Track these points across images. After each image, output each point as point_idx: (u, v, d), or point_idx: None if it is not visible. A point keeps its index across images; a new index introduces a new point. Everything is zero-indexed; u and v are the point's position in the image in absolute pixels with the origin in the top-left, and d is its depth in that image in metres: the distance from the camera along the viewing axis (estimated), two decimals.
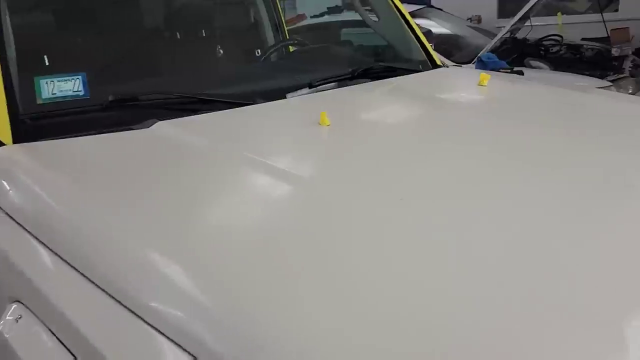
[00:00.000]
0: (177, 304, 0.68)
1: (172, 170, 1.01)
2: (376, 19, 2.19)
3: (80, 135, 1.16)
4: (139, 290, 0.72)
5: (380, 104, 1.41)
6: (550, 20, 4.76)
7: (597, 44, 4.16)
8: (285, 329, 0.61)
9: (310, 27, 3.79)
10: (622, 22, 4.22)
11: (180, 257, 0.75)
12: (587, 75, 3.51)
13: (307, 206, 0.87)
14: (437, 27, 4.72)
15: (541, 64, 3.82)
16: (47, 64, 1.37)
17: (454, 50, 4.39)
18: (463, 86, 1.64)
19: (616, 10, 5.33)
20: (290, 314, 0.63)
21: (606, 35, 4.02)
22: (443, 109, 1.34)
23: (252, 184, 0.97)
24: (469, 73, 1.79)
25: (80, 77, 1.26)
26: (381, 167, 0.98)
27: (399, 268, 0.70)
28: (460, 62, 3.81)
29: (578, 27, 4.87)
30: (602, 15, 4.31)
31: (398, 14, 2.03)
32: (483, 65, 3.37)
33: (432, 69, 1.86)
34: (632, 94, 3.37)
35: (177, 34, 1.69)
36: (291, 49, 2.28)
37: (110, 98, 1.24)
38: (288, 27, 3.45)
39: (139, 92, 1.28)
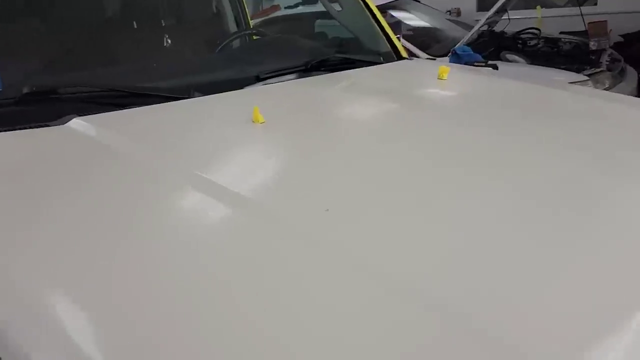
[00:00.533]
0: None
1: (75, 176, 0.89)
2: (340, 9, 2.09)
3: None
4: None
5: (326, 97, 1.31)
6: (528, 13, 4.70)
7: (575, 38, 4.10)
8: None
9: (280, 19, 3.66)
10: (601, 15, 4.15)
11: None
12: (564, 69, 3.43)
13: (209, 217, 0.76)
14: (415, 20, 4.63)
15: (518, 58, 3.74)
16: None
17: (432, 42, 4.30)
18: (421, 79, 1.54)
19: (595, 4, 5.28)
20: None
21: (584, 29, 3.95)
22: (390, 103, 1.24)
23: (164, 193, 0.85)
24: (431, 66, 1.69)
25: None
26: (304, 170, 0.87)
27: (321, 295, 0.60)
28: (437, 55, 3.72)
29: (557, 21, 4.81)
30: (579, 8, 4.24)
31: (363, 4, 1.94)
32: (457, 58, 3.28)
33: (396, 61, 1.77)
34: (609, 88, 3.31)
35: (117, 21, 1.56)
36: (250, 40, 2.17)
37: (25, 90, 1.13)
38: (259, 19, 3.33)
39: (56, 85, 1.16)
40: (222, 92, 1.27)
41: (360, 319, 0.57)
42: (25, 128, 1.06)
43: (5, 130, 1.04)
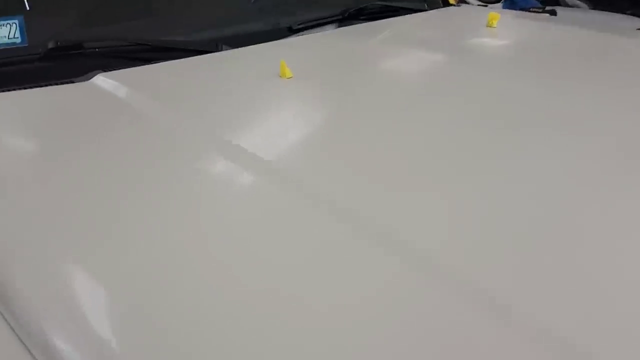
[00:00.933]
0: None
1: (94, 136, 0.86)
2: None
3: (14, 89, 1.02)
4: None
5: (363, 49, 1.21)
6: None
7: None
8: None
9: None
10: None
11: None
12: (631, 14, 3.14)
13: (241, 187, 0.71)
14: None
15: (579, 2, 3.44)
16: None
17: None
18: (466, 28, 1.41)
19: None
20: None
21: None
22: (430, 54, 1.14)
23: (184, 154, 0.80)
24: (480, 13, 1.55)
25: (17, 21, 1.11)
26: (331, 133, 0.81)
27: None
28: (489, 1, 3.49)
29: None
30: None
31: None
32: (512, 3, 3.04)
33: (442, 7, 1.64)
34: None
35: None
36: None
37: (50, 46, 1.09)
38: None
39: (81, 39, 1.12)
40: (247, 45, 1.20)
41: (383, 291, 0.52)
42: (50, 85, 1.03)
43: (30, 87, 1.02)
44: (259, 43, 1.22)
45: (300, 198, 0.66)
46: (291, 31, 1.34)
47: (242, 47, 1.19)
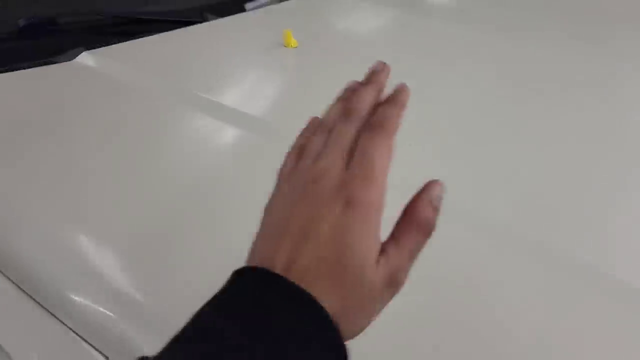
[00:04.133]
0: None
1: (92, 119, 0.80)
2: None
3: None
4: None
5: (372, 13, 1.16)
6: None
7: None
8: None
9: None
10: None
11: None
12: None
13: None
14: None
15: None
16: None
17: None
18: None
19: None
20: None
21: None
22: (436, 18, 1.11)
23: (197, 130, 0.76)
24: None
25: None
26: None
27: None
28: None
29: None
30: None
31: None
32: None
33: None
34: None
35: None
36: None
37: (21, 23, 0.99)
38: None
39: (56, 14, 1.02)
40: (234, 14, 1.14)
41: None
42: (30, 66, 0.94)
43: (5, 71, 0.93)
44: (243, 10, 1.16)
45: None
46: None
47: (225, 14, 1.13)
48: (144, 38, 1.02)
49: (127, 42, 1.00)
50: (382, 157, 0.32)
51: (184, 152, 0.72)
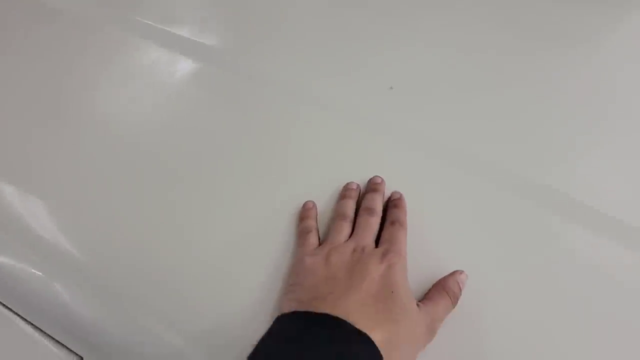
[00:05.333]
0: None
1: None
2: None
3: None
4: None
5: None
6: None
7: None
8: None
9: None
10: None
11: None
12: None
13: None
14: None
15: None
16: None
17: None
18: None
19: None
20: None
21: None
22: None
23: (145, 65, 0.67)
24: None
25: None
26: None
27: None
28: None
29: None
30: None
31: None
32: None
33: None
34: None
35: None
36: None
37: None
38: None
39: None
40: None
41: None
42: None
43: None
44: None
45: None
46: None
47: None
48: None
49: None
50: (404, 242, 0.47)
51: (132, 88, 0.63)
